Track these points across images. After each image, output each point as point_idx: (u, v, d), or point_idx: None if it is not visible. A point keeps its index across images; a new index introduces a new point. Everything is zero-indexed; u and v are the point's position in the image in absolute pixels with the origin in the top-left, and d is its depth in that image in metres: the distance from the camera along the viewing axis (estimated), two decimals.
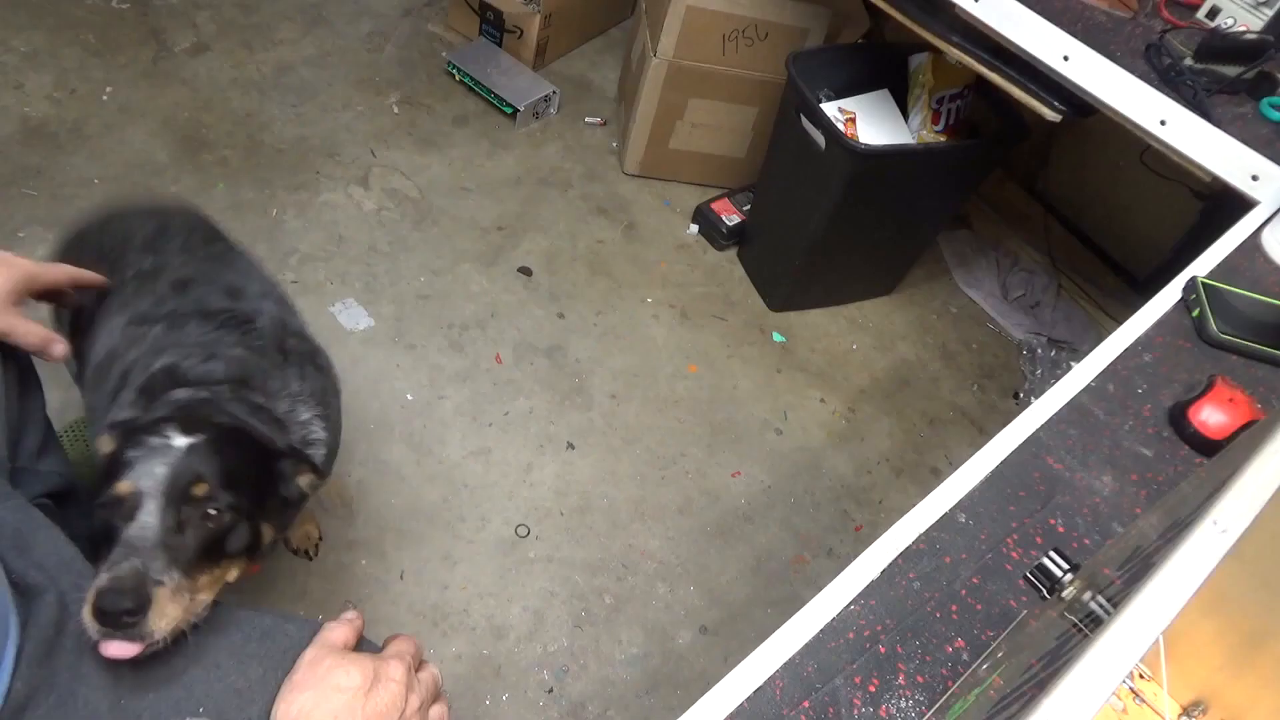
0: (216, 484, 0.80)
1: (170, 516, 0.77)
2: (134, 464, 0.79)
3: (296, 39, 2.42)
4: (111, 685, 0.67)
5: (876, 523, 1.80)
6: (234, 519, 0.82)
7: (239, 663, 0.72)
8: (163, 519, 0.77)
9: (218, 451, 0.82)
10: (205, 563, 0.79)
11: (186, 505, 0.78)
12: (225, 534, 0.81)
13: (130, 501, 0.77)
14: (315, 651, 0.71)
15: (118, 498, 0.77)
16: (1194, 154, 1.25)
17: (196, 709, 0.68)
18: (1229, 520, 0.49)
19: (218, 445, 0.83)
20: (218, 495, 0.80)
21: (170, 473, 0.79)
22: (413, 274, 1.97)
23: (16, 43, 2.16)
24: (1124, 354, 0.98)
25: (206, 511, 0.79)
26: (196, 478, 0.79)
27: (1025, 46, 1.38)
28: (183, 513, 0.78)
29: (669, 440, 1.83)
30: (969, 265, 2.37)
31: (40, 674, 0.64)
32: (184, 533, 0.78)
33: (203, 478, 0.80)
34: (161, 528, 0.76)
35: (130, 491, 0.77)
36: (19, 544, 0.71)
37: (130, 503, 0.77)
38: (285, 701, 0.67)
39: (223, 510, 0.80)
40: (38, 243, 1.78)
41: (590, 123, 2.45)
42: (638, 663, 1.51)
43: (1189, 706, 0.58)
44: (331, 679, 0.68)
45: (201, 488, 0.79)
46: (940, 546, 0.77)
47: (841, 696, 0.66)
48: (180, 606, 0.74)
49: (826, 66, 1.90)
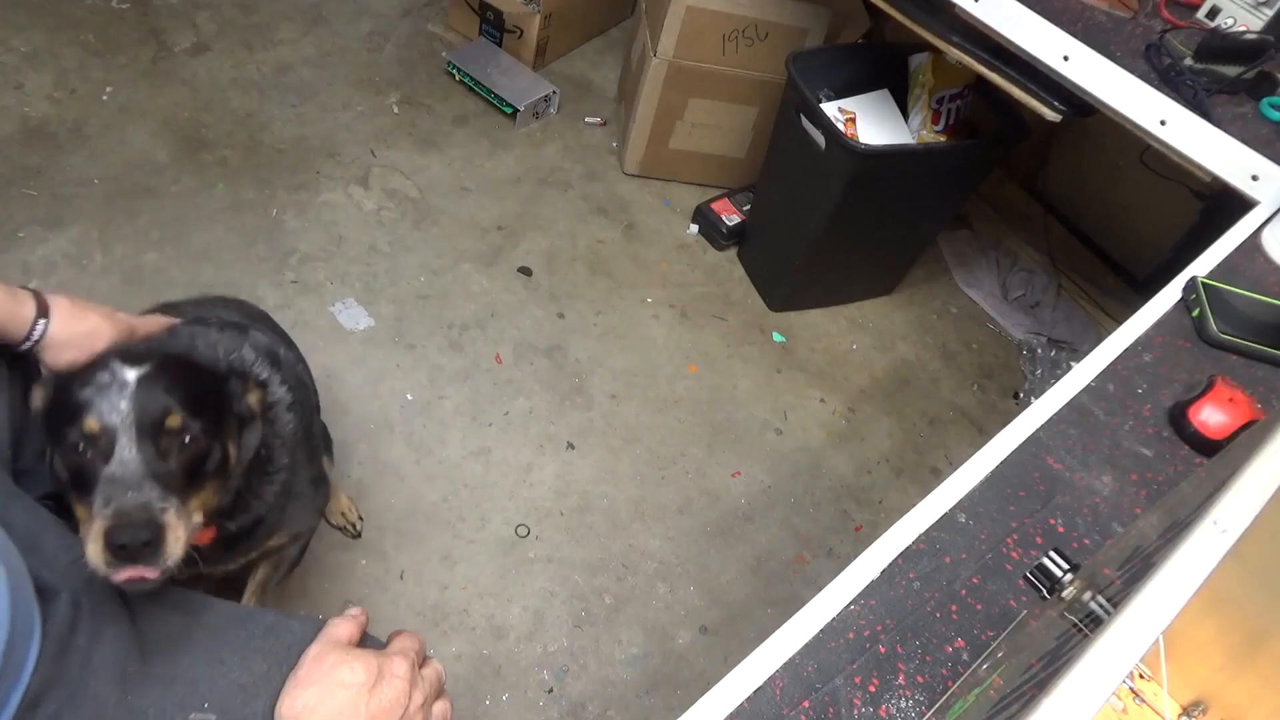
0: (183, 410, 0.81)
1: (149, 448, 0.78)
2: (92, 401, 0.78)
3: (296, 39, 2.42)
4: (119, 681, 0.68)
5: (876, 523, 1.80)
6: (207, 442, 0.83)
7: (243, 658, 0.72)
8: (143, 451, 0.77)
9: (170, 378, 0.82)
10: (192, 486, 0.80)
11: (163, 436, 0.79)
12: (203, 457, 0.82)
13: (103, 439, 0.77)
14: (319, 647, 0.71)
15: (88, 436, 0.77)
16: (1194, 154, 1.25)
17: (201, 704, 0.69)
18: (1229, 520, 0.49)
19: (167, 372, 0.83)
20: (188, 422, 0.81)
21: (134, 405, 0.78)
22: (413, 274, 1.97)
23: (16, 43, 2.16)
24: (1124, 354, 0.98)
25: (184, 440, 0.80)
26: (167, 408, 0.79)
27: (1025, 46, 1.38)
28: (161, 443, 0.79)
29: (669, 440, 1.83)
30: (969, 265, 2.37)
31: (54, 670, 0.64)
32: (168, 461, 0.79)
33: (172, 408, 0.80)
34: (144, 460, 0.77)
35: (100, 428, 0.77)
36: (31, 544, 0.71)
37: (103, 440, 0.77)
38: (289, 697, 0.67)
39: (197, 435, 0.81)
40: (37, 243, 1.79)
41: (590, 123, 2.45)
42: (638, 663, 1.51)
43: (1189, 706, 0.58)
44: (335, 675, 0.68)
45: (175, 419, 0.80)
46: (940, 546, 0.77)
47: (841, 696, 0.66)
48: (185, 530, 0.76)
49: (826, 66, 1.90)
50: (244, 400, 0.93)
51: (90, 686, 0.65)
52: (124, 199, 1.91)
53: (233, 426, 0.91)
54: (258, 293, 1.82)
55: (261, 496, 0.99)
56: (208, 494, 0.84)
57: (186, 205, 1.94)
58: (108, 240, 1.83)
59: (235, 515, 0.97)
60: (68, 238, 1.81)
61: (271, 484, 1.00)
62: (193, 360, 0.93)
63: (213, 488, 0.85)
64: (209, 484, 0.84)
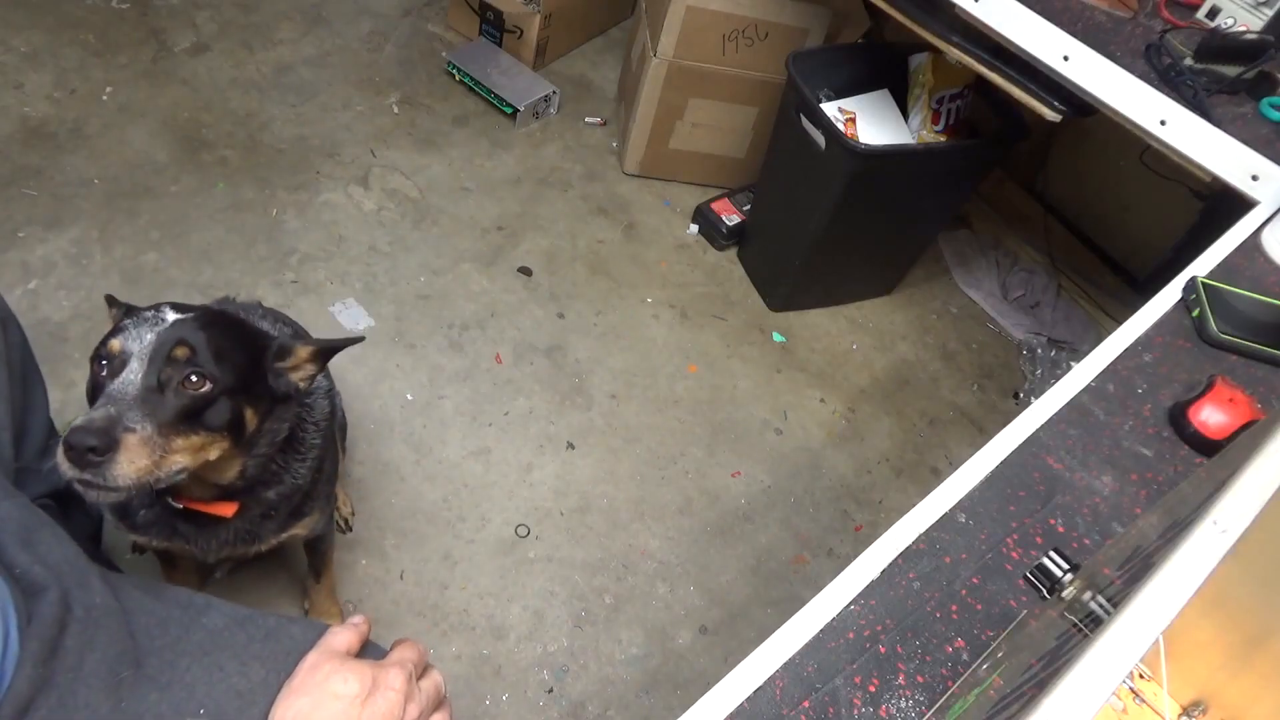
0: (199, 352, 0.85)
1: (151, 375, 0.83)
2: (127, 329, 0.86)
3: (296, 39, 2.42)
4: (113, 686, 0.67)
5: (876, 523, 1.80)
6: (215, 390, 0.86)
7: (242, 664, 0.71)
8: (144, 377, 0.82)
9: (205, 327, 0.88)
10: (181, 426, 0.83)
11: (168, 367, 0.84)
12: (205, 403, 0.85)
13: (118, 359, 0.84)
14: (316, 656, 0.71)
15: (109, 355, 0.84)
16: (1194, 154, 1.25)
17: (198, 710, 0.68)
18: (1229, 520, 0.49)
19: (207, 322, 0.89)
20: (200, 363, 0.85)
21: (157, 338, 0.85)
22: (413, 274, 1.97)
23: (16, 43, 2.16)
24: (1124, 354, 0.98)
25: (188, 376, 0.84)
26: (179, 341, 0.85)
27: (1025, 46, 1.38)
28: (163, 373, 0.83)
29: (669, 440, 1.83)
30: (969, 265, 2.37)
31: (42, 674, 0.63)
32: (163, 393, 0.83)
33: (185, 342, 0.85)
34: (142, 384, 0.82)
35: (119, 350, 0.84)
36: (24, 540, 0.71)
37: (118, 360, 0.84)
38: (282, 705, 0.67)
39: (204, 378, 0.85)
40: (37, 243, 1.79)
41: (590, 123, 2.45)
42: (638, 663, 1.51)
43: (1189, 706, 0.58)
44: (329, 685, 0.68)
45: (183, 351, 0.85)
46: (940, 546, 0.77)
47: (841, 696, 0.66)
48: (148, 457, 0.79)
49: (826, 66, 1.90)
50: (285, 377, 0.97)
51: (81, 694, 0.64)
52: (124, 199, 1.91)
53: (261, 396, 0.94)
54: (258, 293, 1.82)
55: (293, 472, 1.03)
56: (200, 444, 0.86)
57: (186, 205, 1.94)
58: (108, 240, 1.83)
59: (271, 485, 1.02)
60: (68, 238, 1.81)
61: (303, 461, 1.05)
62: (241, 321, 0.97)
63: (211, 443, 0.87)
64: (204, 435, 0.86)
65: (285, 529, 1.11)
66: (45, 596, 0.67)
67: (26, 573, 0.68)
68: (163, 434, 0.81)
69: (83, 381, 1.60)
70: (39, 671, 0.63)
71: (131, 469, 0.78)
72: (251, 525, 1.06)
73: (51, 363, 1.60)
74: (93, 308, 1.71)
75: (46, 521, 0.76)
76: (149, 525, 1.02)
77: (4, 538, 0.70)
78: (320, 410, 1.09)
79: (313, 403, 1.08)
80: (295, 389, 0.98)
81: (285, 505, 1.07)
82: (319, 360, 0.99)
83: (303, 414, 1.05)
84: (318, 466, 1.09)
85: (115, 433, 0.77)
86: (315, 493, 1.13)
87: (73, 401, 1.57)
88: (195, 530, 1.02)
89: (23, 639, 0.64)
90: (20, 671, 0.62)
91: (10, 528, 0.71)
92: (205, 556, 1.07)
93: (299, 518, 1.12)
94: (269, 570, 1.48)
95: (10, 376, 0.96)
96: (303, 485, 1.06)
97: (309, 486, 1.09)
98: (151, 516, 1.01)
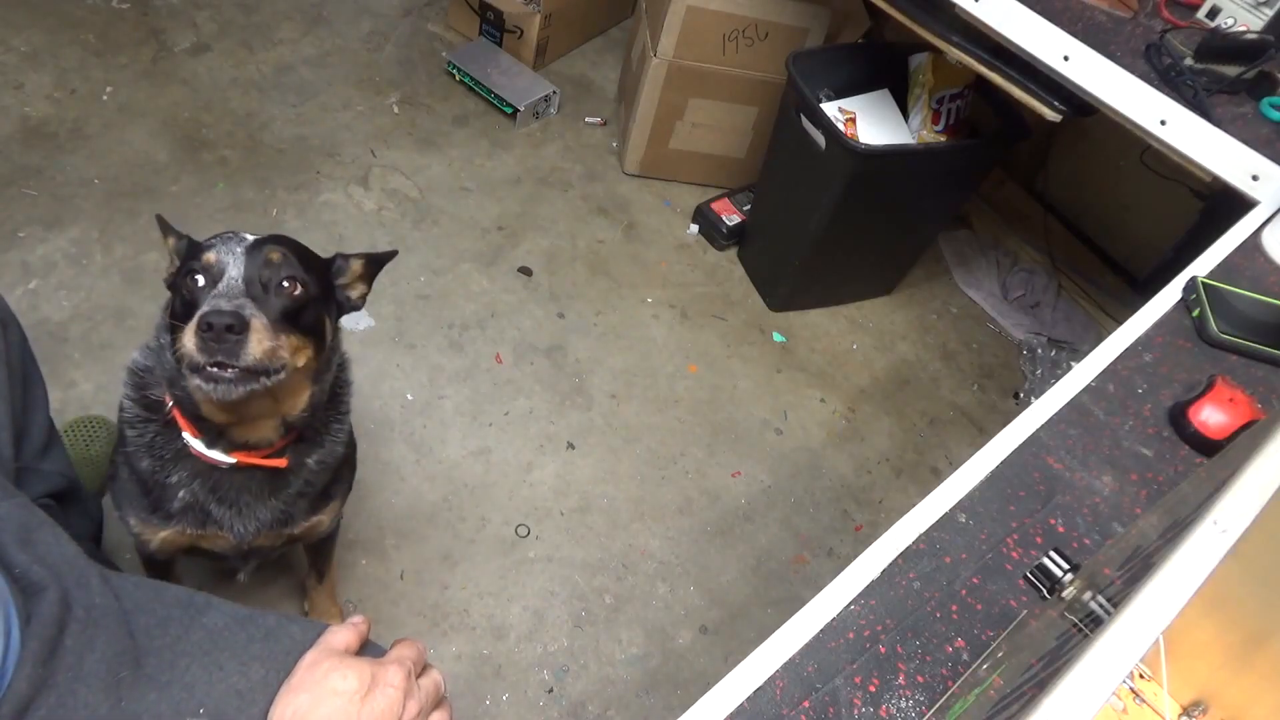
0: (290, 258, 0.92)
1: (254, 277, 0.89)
2: (214, 245, 0.91)
3: (296, 39, 2.42)
4: (112, 685, 0.67)
5: (876, 523, 1.80)
6: (306, 295, 0.93)
7: (241, 663, 0.71)
8: (247, 279, 0.89)
9: (283, 242, 0.95)
10: (284, 324, 0.89)
11: (265, 269, 0.90)
12: (300, 305, 0.92)
13: (215, 268, 0.89)
14: (315, 654, 0.71)
15: (205, 266, 0.89)
16: (1194, 154, 1.25)
17: (197, 709, 0.68)
18: (1229, 520, 0.49)
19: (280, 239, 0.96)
20: (293, 267, 0.92)
21: (246, 250, 0.91)
22: (413, 274, 1.97)
23: (16, 43, 2.16)
24: (1124, 354, 0.98)
25: (284, 279, 0.91)
26: (274, 245, 0.92)
27: (1025, 46, 1.38)
28: (263, 275, 0.90)
29: (669, 440, 1.83)
30: (969, 265, 2.37)
31: (42, 673, 0.63)
32: (267, 292, 0.90)
33: (279, 248, 0.92)
34: (246, 284, 0.88)
35: (215, 260, 0.90)
36: (23, 539, 0.70)
37: (215, 269, 0.89)
38: (281, 703, 0.67)
39: (296, 281, 0.91)
40: (37, 243, 1.79)
41: (590, 123, 2.45)
42: (638, 663, 1.51)
43: (1189, 706, 0.58)
44: (328, 682, 0.68)
45: (277, 255, 0.91)
46: (940, 546, 0.77)
47: (842, 696, 0.66)
48: (268, 345, 0.85)
49: (826, 66, 1.90)
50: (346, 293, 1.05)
51: (80, 693, 0.64)
52: (124, 199, 1.91)
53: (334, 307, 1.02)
54: None
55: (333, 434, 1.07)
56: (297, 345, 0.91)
57: (187, 205, 1.94)
58: (108, 240, 1.83)
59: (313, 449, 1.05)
60: (68, 238, 1.81)
61: (341, 425, 1.09)
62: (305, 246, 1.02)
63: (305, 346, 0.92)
64: (299, 337, 0.91)
65: (315, 510, 1.12)
66: (45, 596, 0.67)
67: (26, 572, 0.68)
68: (275, 328, 0.87)
69: (83, 381, 1.60)
70: (39, 671, 0.63)
71: (259, 349, 0.84)
72: (287, 504, 1.06)
73: (51, 363, 1.60)
74: (93, 308, 1.71)
75: (46, 521, 0.76)
76: (184, 511, 1.02)
77: (4, 537, 0.70)
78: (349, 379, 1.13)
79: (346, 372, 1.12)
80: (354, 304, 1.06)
81: (320, 478, 1.08)
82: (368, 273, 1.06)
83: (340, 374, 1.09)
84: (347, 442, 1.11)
85: (244, 315, 0.84)
86: (341, 475, 1.15)
87: (73, 401, 1.57)
88: (231, 513, 1.03)
89: (23, 638, 0.64)
90: (20, 671, 0.62)
91: (10, 527, 0.71)
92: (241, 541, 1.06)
93: (327, 500, 1.14)
94: (270, 574, 1.48)
95: (10, 376, 0.96)
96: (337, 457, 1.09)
97: (338, 465, 1.11)
98: (188, 498, 1.01)
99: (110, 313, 1.71)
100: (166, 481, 1.00)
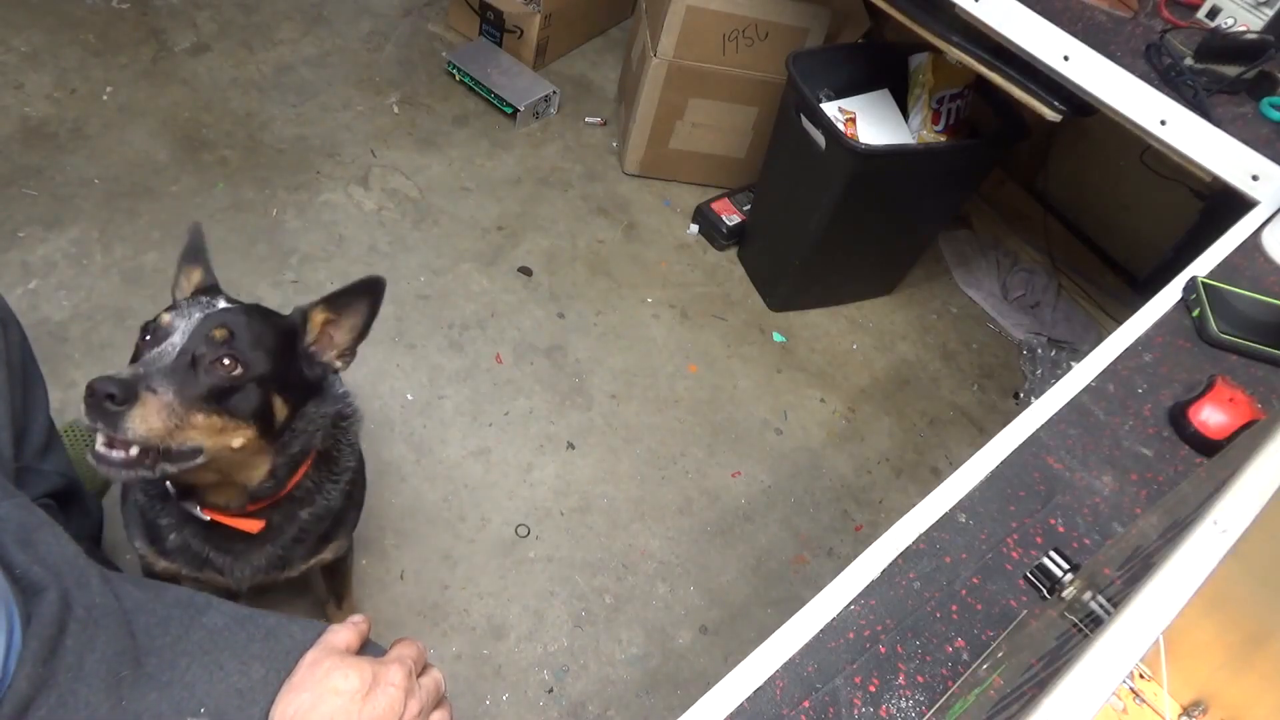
0: (238, 337, 0.88)
1: (187, 351, 0.85)
2: (180, 307, 0.90)
3: (296, 39, 2.42)
4: (113, 685, 0.67)
5: (876, 523, 1.80)
6: (245, 376, 0.87)
7: (242, 663, 0.71)
8: (181, 351, 0.85)
9: (249, 316, 0.91)
10: (206, 404, 0.84)
11: (204, 345, 0.86)
12: (233, 387, 0.87)
13: (163, 331, 0.87)
14: (316, 653, 0.71)
15: (156, 326, 0.88)
16: (1194, 154, 1.25)
17: (198, 709, 0.68)
18: (1229, 520, 0.49)
19: (251, 313, 0.92)
20: (236, 347, 0.87)
21: (203, 318, 0.88)
22: (413, 274, 1.97)
23: (16, 43, 2.16)
24: (1124, 354, 0.98)
25: (221, 358, 0.86)
26: (221, 324, 0.88)
27: (1025, 46, 1.38)
28: (199, 350, 0.85)
29: (669, 440, 1.83)
30: (969, 265, 2.37)
31: (42, 673, 0.63)
32: (196, 369, 0.85)
33: (226, 325, 0.88)
34: (177, 357, 0.84)
35: (166, 324, 0.88)
36: (23, 539, 0.70)
37: (162, 332, 0.87)
38: (282, 702, 0.67)
39: (236, 361, 0.86)
40: (37, 243, 1.79)
41: (590, 123, 2.45)
42: (638, 663, 1.51)
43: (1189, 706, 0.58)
44: (329, 681, 0.68)
45: (222, 333, 0.87)
46: (940, 546, 0.77)
47: (842, 696, 0.66)
48: (163, 421, 0.80)
49: (826, 66, 1.90)
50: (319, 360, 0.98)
51: (80, 693, 0.65)
52: (124, 199, 1.91)
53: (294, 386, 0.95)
54: (258, 293, 1.82)
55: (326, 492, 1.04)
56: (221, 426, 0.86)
57: (186, 205, 1.94)
58: (108, 240, 1.83)
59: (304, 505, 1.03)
60: (68, 238, 1.81)
61: (337, 483, 1.06)
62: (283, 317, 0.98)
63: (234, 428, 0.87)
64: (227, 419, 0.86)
65: (315, 554, 1.11)
66: (45, 596, 0.67)
67: (26, 572, 0.68)
68: (184, 406, 0.82)
69: (83, 381, 1.60)
70: (39, 671, 0.63)
71: (143, 426, 0.79)
72: (284, 550, 1.05)
73: (51, 363, 1.60)
74: (93, 308, 1.71)
75: (46, 521, 0.76)
76: (178, 551, 1.01)
77: (4, 537, 0.70)
78: (355, 432, 1.09)
79: (348, 425, 1.08)
80: (330, 370, 0.99)
81: (316, 527, 1.06)
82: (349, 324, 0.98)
83: (338, 434, 1.05)
84: (349, 490, 1.09)
85: (137, 389, 0.79)
86: (344, 518, 1.13)
87: (73, 401, 1.57)
88: (226, 559, 1.02)
89: (23, 638, 0.64)
90: (21, 670, 0.62)
91: (10, 527, 0.71)
92: (239, 586, 1.06)
93: (328, 542, 1.12)
94: (287, 594, 1.47)
95: (10, 376, 0.96)
96: (334, 508, 1.06)
97: (340, 510, 1.09)
98: (180, 541, 1.00)
99: (110, 313, 1.71)
100: (158, 521, 1.00)
